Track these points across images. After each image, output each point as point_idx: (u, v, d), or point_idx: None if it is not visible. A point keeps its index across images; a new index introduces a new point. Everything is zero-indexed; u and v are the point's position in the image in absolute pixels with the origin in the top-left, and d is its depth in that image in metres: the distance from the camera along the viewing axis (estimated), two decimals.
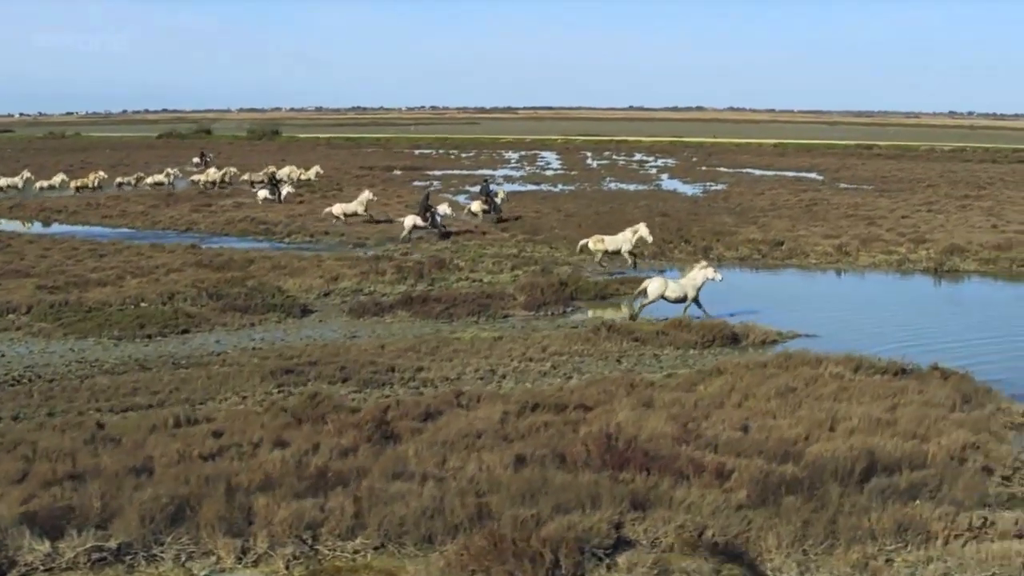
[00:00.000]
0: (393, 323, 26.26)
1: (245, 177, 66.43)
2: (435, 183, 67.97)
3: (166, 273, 32.09)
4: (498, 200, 48.20)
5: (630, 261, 34.14)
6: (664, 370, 21.31)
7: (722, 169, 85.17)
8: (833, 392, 18.05)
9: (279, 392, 19.47)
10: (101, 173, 64.70)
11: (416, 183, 68.28)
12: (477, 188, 51.23)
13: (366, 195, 45.84)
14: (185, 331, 25.20)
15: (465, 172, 79.17)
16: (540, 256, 36.83)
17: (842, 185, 70.33)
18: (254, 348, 23.50)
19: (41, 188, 61.58)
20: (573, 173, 79.91)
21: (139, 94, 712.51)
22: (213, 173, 66.72)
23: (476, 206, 47.89)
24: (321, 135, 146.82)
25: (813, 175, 79.77)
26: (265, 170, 66.78)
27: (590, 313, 27.52)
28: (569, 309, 27.97)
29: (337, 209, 45.10)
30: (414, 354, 22.36)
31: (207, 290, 29.03)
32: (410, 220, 40.69)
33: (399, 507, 12.28)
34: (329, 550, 11.50)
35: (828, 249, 37.97)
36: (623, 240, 34.13)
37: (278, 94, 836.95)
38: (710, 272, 26.27)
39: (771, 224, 45.10)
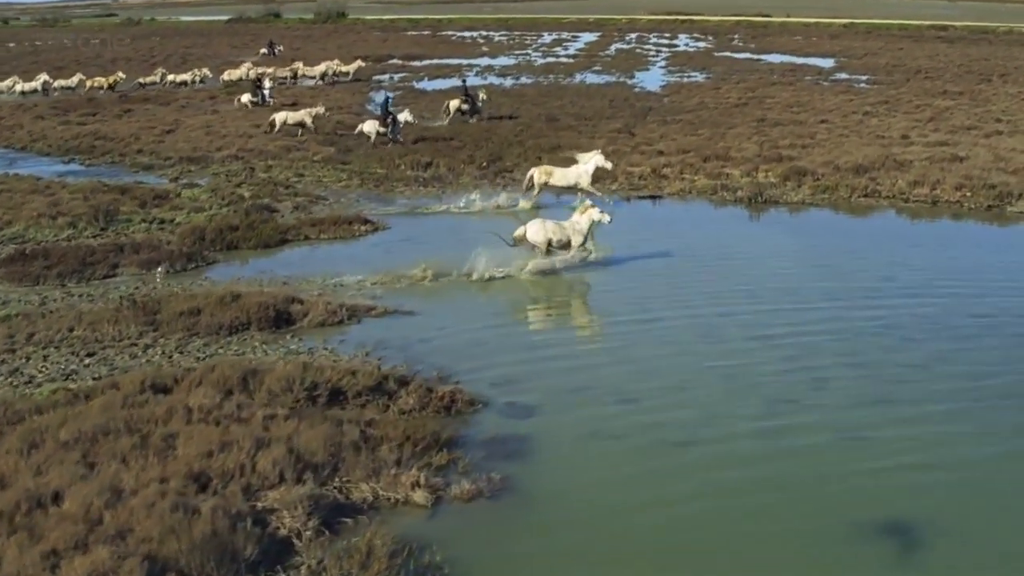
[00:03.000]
0: None
1: (270, 71, 61.33)
2: (394, 77, 62.34)
3: None
4: (479, 101, 44.14)
5: (590, 193, 27.62)
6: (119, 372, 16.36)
7: (737, 56, 77.81)
8: (140, 439, 12.94)
9: None
10: (120, 74, 60.88)
11: (378, 78, 62.89)
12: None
13: (319, 108, 41.56)
14: None
15: (457, 62, 73.39)
16: (298, 183, 31.44)
17: (839, 76, 62.98)
18: None
19: (60, 89, 58.32)
20: (566, 63, 73.43)
21: None
22: (237, 72, 62.49)
23: (454, 105, 43.62)
24: (386, 16, 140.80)
25: (825, 63, 71.91)
26: (291, 66, 63.27)
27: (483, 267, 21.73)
28: (197, 265, 22.92)
29: (280, 117, 40.43)
30: None
31: None
32: (369, 126, 37.14)
33: None
34: None
35: (645, 171, 32.02)
36: (577, 174, 27.86)
37: None
38: (595, 213, 21.91)
39: (648, 132, 39.07)
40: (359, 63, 64.73)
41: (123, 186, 30.11)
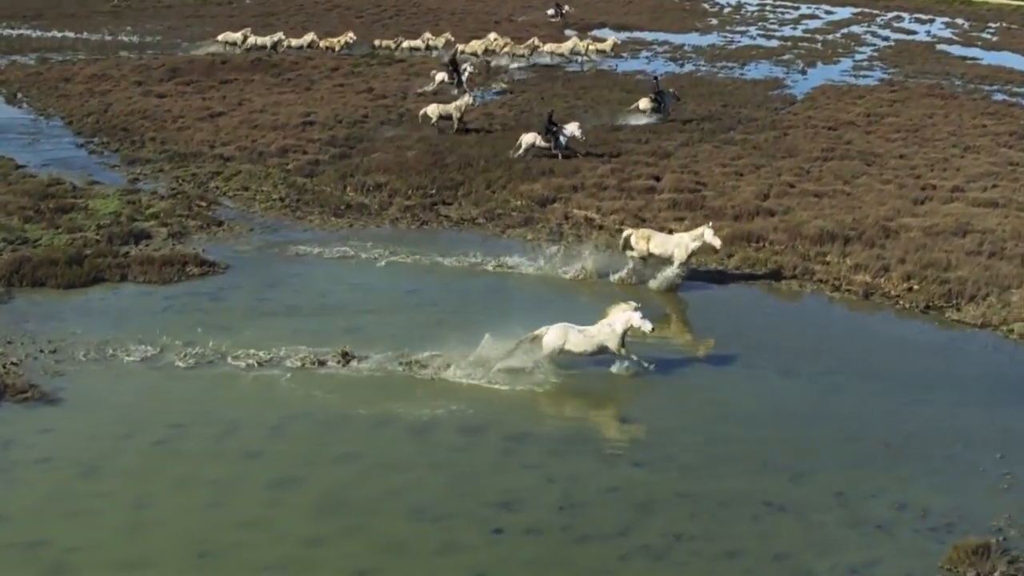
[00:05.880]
0: None
1: (505, 46, 56.30)
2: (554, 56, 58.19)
3: None
4: (669, 100, 41.03)
5: (677, 274, 23.62)
6: None
7: (956, 52, 67.82)
8: None
9: None
10: (350, 35, 58.03)
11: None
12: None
13: (465, 99, 38.33)
14: None
15: (655, 37, 68.44)
16: (224, 199, 29.56)
17: None
18: None
19: (289, 47, 57.20)
20: (762, 48, 66.87)
21: None
22: (477, 44, 56.48)
23: (644, 103, 40.82)
24: None
25: None
26: (528, 42, 56.97)
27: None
28: None
29: (432, 110, 37.77)
30: None
31: None
32: (529, 137, 33.94)
33: None
34: None
35: (582, 217, 28.04)
36: (676, 244, 23.32)
37: None
38: (635, 318, 18.50)
39: (686, 155, 35.21)
40: (615, 39, 59.58)
41: (58, 190, 29.21)
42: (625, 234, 24.16)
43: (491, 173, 31.60)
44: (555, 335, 18.77)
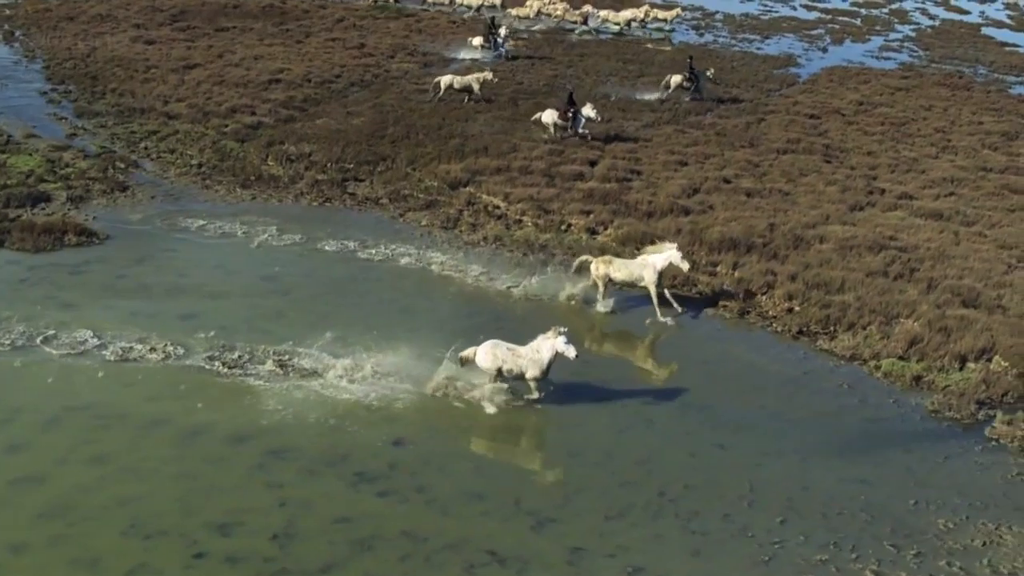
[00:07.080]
0: None
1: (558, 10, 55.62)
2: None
3: None
4: (705, 77, 40.80)
5: (655, 299, 21.98)
6: None
7: (998, 35, 64.76)
8: None
9: None
10: None
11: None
12: None
13: (487, 74, 37.76)
14: None
15: (691, 1, 66.32)
16: (144, 161, 29.35)
17: None
18: None
19: None
20: (799, 20, 64.55)
21: None
22: (526, 9, 56.01)
23: (675, 79, 40.43)
24: None
25: None
26: (582, 9, 55.97)
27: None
28: None
29: (445, 81, 37.08)
30: None
31: None
32: (548, 116, 33.42)
33: None
34: None
35: (489, 203, 27.42)
36: (642, 265, 21.97)
37: None
38: (560, 344, 17.56)
39: (644, 136, 33.63)
40: (679, 10, 57.73)
41: None
42: (580, 259, 22.53)
43: (423, 148, 30.93)
44: (487, 356, 17.77)
